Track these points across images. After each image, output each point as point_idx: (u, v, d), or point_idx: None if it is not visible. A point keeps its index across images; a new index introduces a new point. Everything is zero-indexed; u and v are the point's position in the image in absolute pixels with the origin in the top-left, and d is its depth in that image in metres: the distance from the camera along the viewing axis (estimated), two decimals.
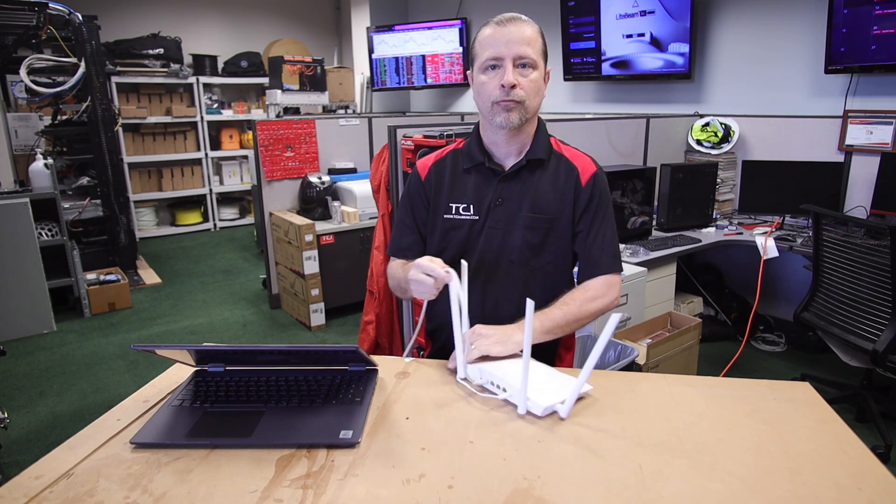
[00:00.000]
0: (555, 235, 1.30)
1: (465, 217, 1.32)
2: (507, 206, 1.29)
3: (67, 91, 4.01)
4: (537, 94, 1.23)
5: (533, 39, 1.21)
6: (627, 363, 2.22)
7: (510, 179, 1.30)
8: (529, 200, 1.29)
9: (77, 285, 3.78)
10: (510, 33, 1.19)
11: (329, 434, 0.91)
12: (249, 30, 6.62)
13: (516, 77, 1.19)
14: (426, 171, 1.37)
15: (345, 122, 3.99)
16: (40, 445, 2.40)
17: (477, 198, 1.31)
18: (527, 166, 1.29)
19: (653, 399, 1.04)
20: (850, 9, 2.86)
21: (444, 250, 1.34)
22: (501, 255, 1.31)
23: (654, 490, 0.80)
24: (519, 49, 1.19)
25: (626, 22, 3.88)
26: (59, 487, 0.81)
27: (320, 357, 1.12)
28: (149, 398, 1.06)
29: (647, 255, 2.75)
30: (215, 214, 6.40)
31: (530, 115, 1.24)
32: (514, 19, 1.22)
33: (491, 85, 1.21)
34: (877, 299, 2.16)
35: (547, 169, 1.30)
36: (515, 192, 1.29)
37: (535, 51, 1.21)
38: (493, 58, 1.20)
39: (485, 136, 1.31)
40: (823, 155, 3.18)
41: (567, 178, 1.30)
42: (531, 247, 1.30)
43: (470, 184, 1.32)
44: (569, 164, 1.32)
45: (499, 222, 1.30)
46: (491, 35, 1.21)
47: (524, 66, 1.20)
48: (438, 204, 1.35)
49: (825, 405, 1.02)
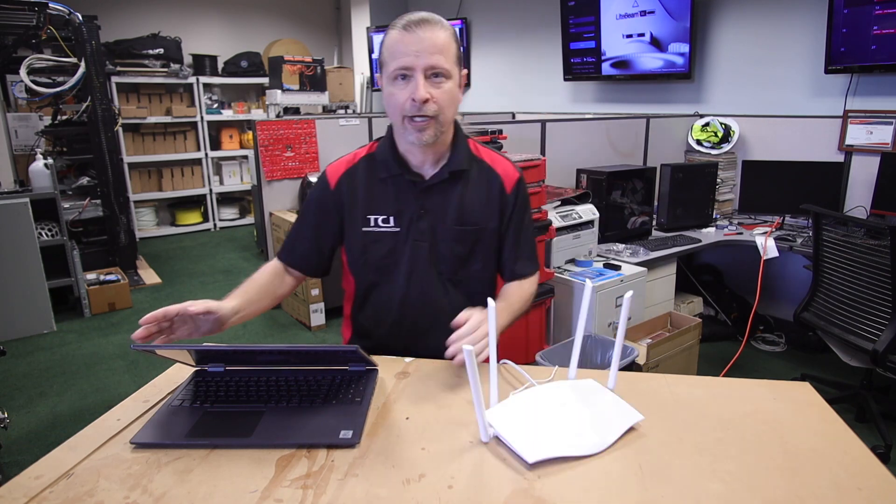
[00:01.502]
0: (482, 245, 1.29)
1: (386, 229, 1.25)
2: (431, 217, 1.24)
3: (67, 91, 4.01)
4: (452, 104, 1.16)
5: (446, 46, 1.11)
6: (627, 363, 2.22)
7: (431, 190, 1.24)
8: (454, 212, 1.24)
9: (77, 285, 3.78)
10: (420, 41, 1.09)
11: (329, 434, 0.91)
12: (249, 30, 6.62)
13: (428, 90, 1.10)
14: (336, 180, 1.27)
15: (345, 122, 3.99)
16: (40, 445, 2.40)
17: (397, 209, 1.25)
18: (448, 178, 1.24)
19: (653, 399, 1.04)
20: (850, 9, 2.86)
21: (366, 263, 1.29)
22: (430, 266, 1.27)
23: (654, 490, 0.80)
24: (430, 59, 1.09)
25: (626, 22, 3.88)
26: (59, 487, 0.81)
27: (320, 357, 1.12)
28: (149, 398, 1.06)
29: (647, 255, 2.75)
30: (215, 214, 6.40)
31: (446, 128, 1.18)
32: (424, 23, 1.11)
33: (401, 97, 1.12)
34: (877, 299, 2.16)
35: (469, 178, 1.26)
36: (438, 203, 1.25)
37: (449, 59, 1.12)
38: (402, 67, 1.10)
39: (399, 143, 1.23)
40: (823, 155, 3.18)
41: (491, 186, 1.27)
42: (459, 258, 1.28)
43: (388, 194, 1.25)
44: (491, 171, 1.28)
45: (423, 234, 1.25)
46: (399, 41, 1.10)
47: (437, 75, 1.11)
48: (354, 216, 1.27)
49: (825, 405, 1.02)
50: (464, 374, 1.10)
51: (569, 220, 2.62)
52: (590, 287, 1.10)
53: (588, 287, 1.10)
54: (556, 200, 2.70)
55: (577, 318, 1.10)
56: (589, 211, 2.70)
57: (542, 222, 2.41)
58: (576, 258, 2.69)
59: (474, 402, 0.89)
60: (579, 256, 2.69)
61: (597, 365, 2.31)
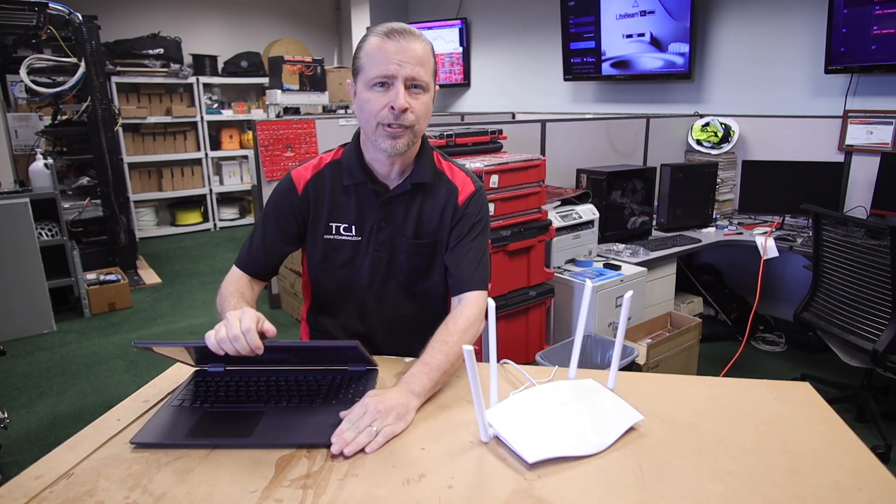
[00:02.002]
0: (440, 257, 1.28)
1: (347, 238, 1.25)
2: (391, 229, 1.24)
3: (67, 91, 4.01)
4: (426, 116, 1.16)
5: (426, 59, 1.11)
6: (627, 363, 2.23)
7: (393, 201, 1.23)
8: (412, 225, 1.24)
9: (77, 285, 3.78)
10: (403, 51, 1.08)
11: (330, 434, 0.91)
12: (249, 30, 6.62)
13: (408, 100, 1.10)
14: (303, 185, 1.25)
15: (345, 122, 3.99)
16: (40, 445, 2.40)
17: (359, 218, 1.24)
18: (410, 189, 1.23)
19: (653, 399, 1.04)
20: (850, 9, 2.86)
21: (326, 270, 1.28)
22: (390, 278, 1.27)
23: (654, 490, 0.80)
24: (412, 70, 1.09)
25: (626, 22, 3.88)
26: (59, 487, 0.81)
27: (320, 354, 1.12)
28: (149, 398, 1.06)
29: (647, 255, 2.75)
30: (215, 214, 6.40)
31: (417, 140, 1.18)
32: (405, 33, 1.10)
33: (378, 104, 1.10)
34: (877, 299, 2.16)
35: (430, 191, 1.25)
36: (398, 216, 1.24)
37: (428, 72, 1.12)
38: (382, 76, 1.09)
39: (366, 151, 1.22)
40: (823, 155, 3.18)
41: (447, 199, 1.25)
42: (418, 270, 1.28)
43: (351, 202, 1.24)
44: (449, 184, 1.27)
45: (383, 245, 1.25)
46: (380, 49, 1.09)
47: (416, 86, 1.11)
48: (318, 223, 1.26)
49: (825, 405, 1.02)
50: (464, 374, 1.10)
51: (569, 220, 2.62)
52: (590, 287, 1.10)
53: (588, 287, 1.10)
54: (556, 200, 2.70)
55: (577, 318, 1.10)
56: (589, 211, 2.70)
57: (542, 222, 2.41)
58: (576, 258, 2.69)
59: (474, 402, 0.89)
60: (579, 256, 2.70)
61: (597, 365, 2.31)
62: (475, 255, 1.25)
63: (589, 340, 2.32)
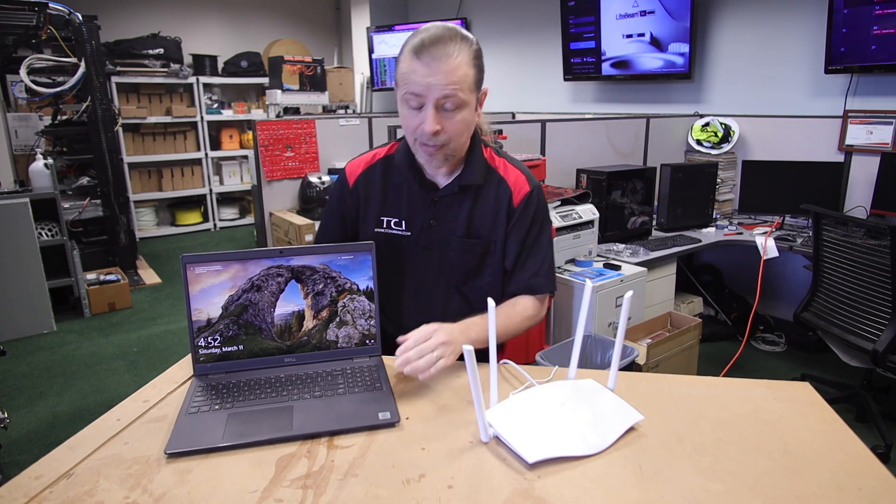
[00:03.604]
0: (491, 258, 1.28)
1: (397, 232, 1.27)
2: (441, 227, 1.25)
3: (67, 91, 4.01)
4: (465, 131, 1.14)
5: (462, 76, 1.06)
6: (627, 363, 2.22)
7: (443, 200, 1.24)
8: (464, 224, 1.24)
9: (77, 285, 3.78)
10: (432, 72, 1.04)
11: (368, 417, 0.94)
12: (249, 30, 6.62)
13: (440, 121, 1.08)
14: (354, 179, 1.30)
15: (345, 122, 3.99)
16: (40, 445, 2.40)
17: (409, 214, 1.26)
18: (459, 190, 1.23)
19: (653, 399, 1.04)
20: (850, 9, 2.86)
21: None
22: (440, 276, 1.28)
23: (654, 490, 0.80)
24: (444, 91, 1.05)
25: (626, 22, 3.88)
26: (59, 487, 0.81)
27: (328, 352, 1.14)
28: (149, 398, 1.06)
29: (647, 255, 2.75)
30: (215, 214, 6.40)
31: (457, 153, 1.17)
32: (440, 46, 1.04)
33: (412, 122, 1.10)
34: (877, 299, 2.16)
35: (481, 191, 1.25)
36: (450, 214, 1.25)
37: (465, 87, 1.07)
38: (413, 94, 1.07)
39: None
40: (823, 155, 3.18)
41: (500, 199, 1.25)
42: (469, 269, 1.28)
43: (402, 197, 1.26)
44: (503, 183, 1.26)
45: (433, 242, 1.26)
46: (411, 69, 1.06)
47: (449, 105, 1.08)
48: (368, 215, 1.29)
49: (825, 405, 1.02)
50: (464, 374, 1.10)
51: (569, 220, 2.61)
52: (590, 287, 1.10)
53: (588, 287, 1.10)
54: (556, 200, 2.70)
55: (577, 318, 1.10)
56: (589, 211, 2.70)
57: None
58: (576, 258, 2.69)
59: (474, 402, 0.89)
60: (579, 256, 2.69)
61: (597, 365, 2.31)
62: (537, 257, 1.26)
63: (589, 340, 2.31)
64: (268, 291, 1.10)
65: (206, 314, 1.08)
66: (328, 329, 1.13)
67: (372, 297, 1.15)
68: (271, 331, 1.11)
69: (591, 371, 1.14)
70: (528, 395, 1.02)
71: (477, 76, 1.13)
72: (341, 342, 1.14)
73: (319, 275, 1.12)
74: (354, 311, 1.14)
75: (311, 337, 1.13)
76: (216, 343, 1.09)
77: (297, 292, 1.11)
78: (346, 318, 1.14)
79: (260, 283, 1.09)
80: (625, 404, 0.98)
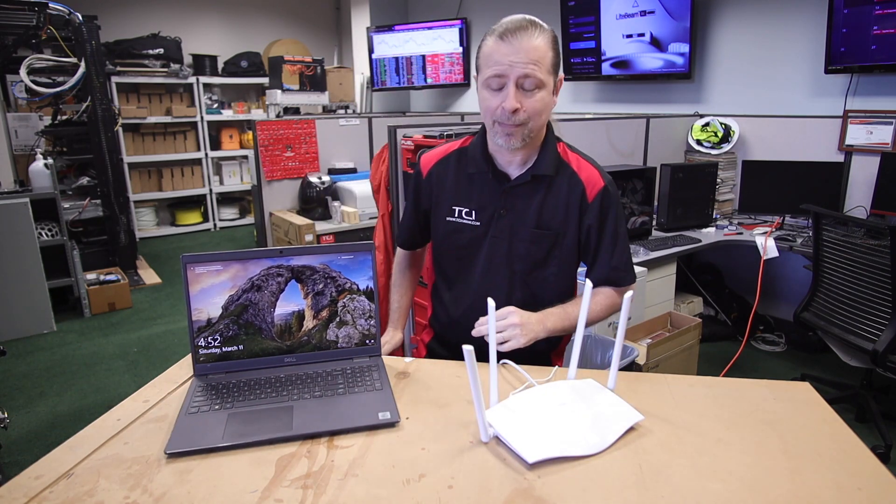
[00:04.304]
0: (559, 249, 1.29)
1: (467, 221, 1.31)
2: (511, 217, 1.27)
3: (67, 91, 4.00)
4: (543, 112, 1.17)
5: (541, 56, 1.11)
6: (627, 363, 2.22)
7: (514, 190, 1.27)
8: (534, 215, 1.26)
9: (77, 285, 3.78)
10: (515, 51, 1.09)
11: (368, 417, 0.94)
12: (249, 30, 6.62)
13: (519, 100, 1.12)
14: (428, 169, 1.36)
15: (345, 122, 3.99)
16: (40, 445, 2.40)
17: (480, 204, 1.29)
18: (532, 180, 1.25)
19: (653, 399, 1.04)
20: (850, 9, 2.86)
21: (446, 251, 1.36)
22: (506, 265, 1.30)
23: (654, 490, 0.80)
24: (524, 69, 1.10)
25: (626, 22, 3.88)
26: (59, 487, 0.81)
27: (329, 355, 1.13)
28: (149, 398, 1.06)
29: (647, 255, 2.75)
30: (215, 214, 6.40)
31: (535, 134, 1.20)
32: (521, 30, 1.10)
33: (493, 103, 1.15)
34: (877, 299, 2.16)
35: (553, 183, 1.26)
36: (520, 205, 1.27)
37: (544, 68, 1.12)
38: (495, 75, 1.12)
39: (489, 142, 1.26)
40: (823, 155, 3.18)
41: (573, 193, 1.26)
42: (536, 260, 1.29)
43: (474, 188, 1.30)
44: (575, 177, 1.27)
45: (502, 232, 1.28)
46: (495, 50, 1.12)
47: (529, 84, 1.12)
48: (441, 204, 1.33)
49: (825, 405, 1.02)
50: (464, 374, 1.10)
51: None
52: (590, 287, 1.10)
53: (588, 287, 1.10)
54: None
55: (577, 319, 1.10)
56: None
57: None
58: None
59: (474, 402, 0.89)
60: None
61: (597, 365, 2.30)
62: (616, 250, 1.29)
63: (589, 340, 2.31)
64: (268, 291, 1.10)
65: (207, 314, 1.08)
66: (328, 329, 1.13)
67: (372, 297, 1.15)
68: (271, 331, 1.11)
69: (591, 371, 1.14)
70: (528, 395, 1.02)
71: (555, 59, 1.16)
72: (341, 342, 1.14)
73: (319, 275, 1.12)
74: (354, 311, 1.14)
75: (311, 337, 1.13)
76: (216, 343, 1.09)
77: (297, 292, 1.11)
78: (346, 318, 1.14)
79: (260, 282, 1.09)
80: (625, 404, 0.98)
